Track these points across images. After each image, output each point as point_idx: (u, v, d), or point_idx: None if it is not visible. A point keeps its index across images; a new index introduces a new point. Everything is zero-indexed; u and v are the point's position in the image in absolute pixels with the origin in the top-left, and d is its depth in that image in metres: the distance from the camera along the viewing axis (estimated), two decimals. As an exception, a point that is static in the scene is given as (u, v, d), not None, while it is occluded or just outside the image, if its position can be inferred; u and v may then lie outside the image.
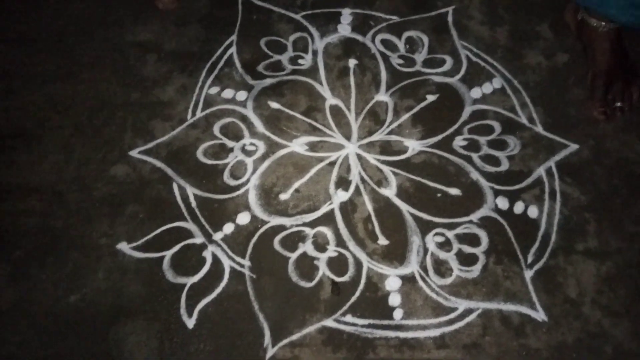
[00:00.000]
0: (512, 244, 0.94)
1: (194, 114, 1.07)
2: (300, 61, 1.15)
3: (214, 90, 1.11)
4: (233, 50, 1.16)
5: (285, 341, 0.85)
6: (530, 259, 0.93)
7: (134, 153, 1.02)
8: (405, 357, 0.84)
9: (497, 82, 1.12)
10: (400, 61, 1.15)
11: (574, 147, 1.04)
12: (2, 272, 0.91)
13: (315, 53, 1.16)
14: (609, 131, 1.05)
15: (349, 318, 0.87)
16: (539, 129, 1.06)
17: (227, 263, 0.91)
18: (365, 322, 0.87)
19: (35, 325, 0.86)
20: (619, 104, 1.05)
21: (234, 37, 1.17)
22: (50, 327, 0.86)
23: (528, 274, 0.91)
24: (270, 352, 0.84)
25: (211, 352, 0.84)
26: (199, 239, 0.94)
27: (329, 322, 0.87)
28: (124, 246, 0.93)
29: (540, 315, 0.88)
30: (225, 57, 1.15)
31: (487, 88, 1.12)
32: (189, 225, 0.95)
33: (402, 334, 0.86)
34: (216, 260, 0.92)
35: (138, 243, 0.93)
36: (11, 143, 1.04)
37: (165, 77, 1.12)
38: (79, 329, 0.86)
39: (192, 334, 0.85)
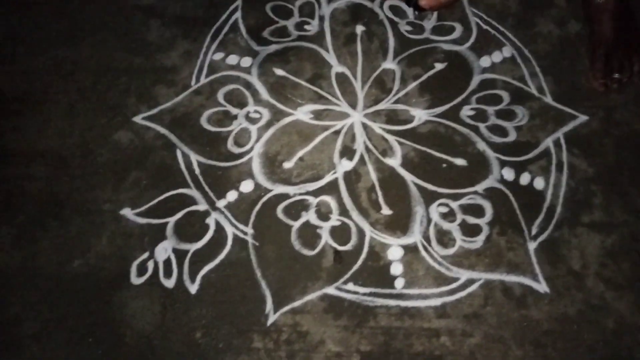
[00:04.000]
0: (517, 215, 0.93)
1: (198, 80, 1.06)
2: (306, 27, 1.13)
3: (219, 56, 1.09)
4: (238, 15, 1.14)
5: (286, 308, 0.86)
6: (534, 230, 0.92)
7: (137, 119, 1.02)
8: (406, 326, 0.85)
9: (507, 51, 1.10)
10: (409, 28, 1.13)
11: (583, 118, 1.02)
12: (6, 236, 0.91)
13: (321, 19, 1.14)
14: (619, 102, 1.03)
15: (350, 286, 0.88)
16: (548, 99, 1.04)
17: (230, 230, 0.92)
18: (367, 290, 0.87)
19: (39, 288, 0.88)
20: (617, 75, 1.03)
21: (239, 2, 1.15)
22: (54, 291, 0.87)
23: (532, 246, 0.91)
24: (272, 318, 0.85)
25: (213, 317, 0.85)
26: (202, 206, 0.94)
27: (331, 290, 0.87)
28: (127, 212, 0.93)
29: (542, 286, 0.88)
30: (230, 22, 1.13)
31: (497, 57, 1.09)
32: (193, 192, 0.95)
33: (403, 303, 0.86)
34: (219, 228, 0.92)
35: (141, 209, 0.93)
36: (16, 107, 1.04)
37: (169, 42, 1.10)
38: (82, 293, 0.87)
39: (194, 299, 0.86)
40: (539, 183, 0.96)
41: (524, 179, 0.97)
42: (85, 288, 0.87)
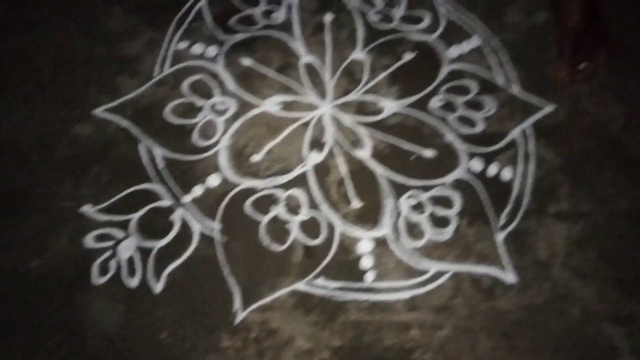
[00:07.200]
0: (485, 206, 0.94)
1: (161, 70, 1.03)
2: (273, 15, 1.10)
3: (183, 45, 1.06)
4: (203, 2, 1.10)
5: (255, 305, 0.84)
6: (502, 221, 0.93)
7: (98, 111, 0.98)
8: (376, 319, 0.84)
9: (476, 41, 1.09)
10: (378, 17, 1.11)
11: (549, 108, 1.02)
12: (-40, 236, 0.88)
13: (289, 7, 1.11)
14: (585, 92, 1.04)
15: (320, 281, 0.87)
16: (516, 89, 1.04)
17: (196, 226, 0.90)
18: (337, 285, 0.87)
19: (-4, 290, 0.85)
20: (583, 65, 1.04)
21: (203, -11, 1.12)
22: (10, 293, 0.84)
23: (499, 237, 0.91)
24: (241, 316, 0.84)
25: (179, 316, 0.83)
26: (166, 202, 0.91)
27: (301, 286, 0.86)
28: (88, 209, 0.90)
29: (510, 277, 0.88)
30: (195, 10, 1.10)
31: (466, 47, 1.09)
32: (157, 187, 0.92)
33: (373, 297, 0.86)
34: (185, 224, 0.90)
35: (103, 206, 0.91)
36: (-31, 99, 0.99)
37: (131, 30, 1.07)
38: (41, 294, 0.84)
39: (159, 298, 0.84)
40: (506, 174, 0.97)
41: (492, 169, 0.97)
42: (44, 289, 0.84)
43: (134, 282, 0.85)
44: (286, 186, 0.94)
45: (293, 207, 0.92)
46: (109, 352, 0.80)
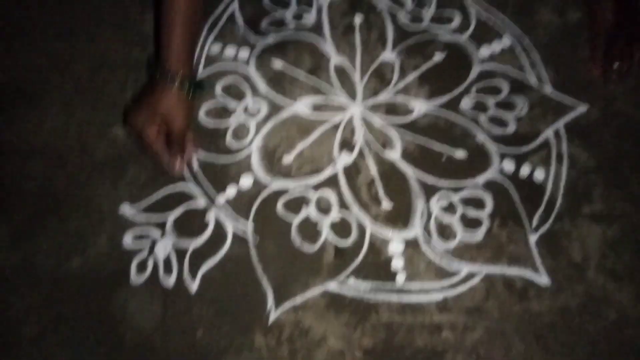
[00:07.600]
0: (517, 207, 0.93)
1: (195, 73, 1.05)
2: (304, 18, 1.11)
3: (216, 48, 1.08)
4: (235, 6, 1.12)
5: (288, 305, 0.86)
6: (535, 222, 0.92)
7: (135, 114, 1.01)
8: (408, 321, 0.85)
9: (507, 41, 1.08)
10: (408, 18, 1.11)
11: (583, 108, 1.01)
12: (3, 236, 0.91)
13: (319, 9, 1.12)
14: (619, 92, 1.02)
15: (351, 282, 0.87)
16: (548, 89, 1.03)
17: (230, 227, 0.91)
18: (368, 285, 0.87)
19: (38, 288, 0.87)
20: (617, 64, 1.02)
21: (235, -7, 1.13)
22: (53, 291, 0.87)
23: (532, 238, 0.91)
24: (274, 315, 0.85)
25: (214, 316, 0.85)
26: (201, 202, 0.93)
27: (332, 286, 0.87)
28: (126, 208, 0.92)
29: (543, 279, 0.88)
30: (227, 13, 1.11)
31: (497, 46, 1.08)
32: (192, 187, 0.94)
33: (404, 298, 0.86)
34: (219, 224, 0.91)
35: (141, 206, 0.93)
36: (12, 103, 1.02)
37: (165, 35, 1.09)
38: (81, 292, 0.87)
39: (195, 298, 0.86)
40: (539, 174, 0.96)
41: (524, 170, 0.96)
42: (85, 287, 0.87)
43: (170, 282, 0.87)
44: (317, 187, 0.95)
45: (324, 208, 0.93)
46: (146, 350, 0.82)
